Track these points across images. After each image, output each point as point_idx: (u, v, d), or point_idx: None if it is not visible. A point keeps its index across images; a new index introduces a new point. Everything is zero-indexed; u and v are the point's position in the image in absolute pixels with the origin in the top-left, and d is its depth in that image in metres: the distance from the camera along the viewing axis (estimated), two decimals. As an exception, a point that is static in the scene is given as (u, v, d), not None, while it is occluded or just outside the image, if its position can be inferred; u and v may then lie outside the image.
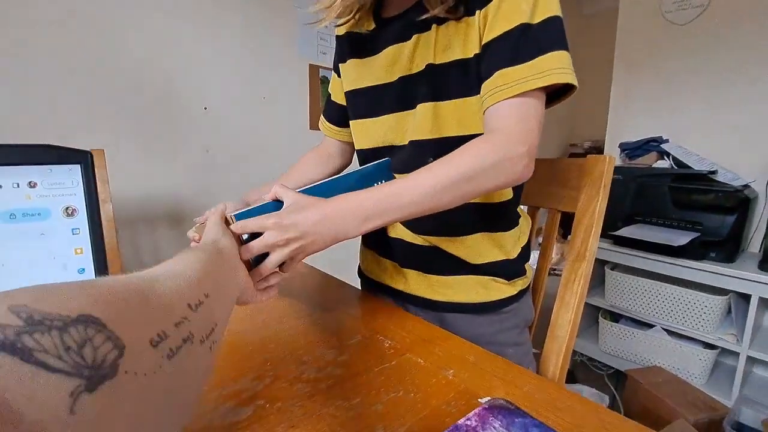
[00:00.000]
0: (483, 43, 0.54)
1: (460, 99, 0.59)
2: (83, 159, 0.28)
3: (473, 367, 0.50)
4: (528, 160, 0.50)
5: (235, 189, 1.69)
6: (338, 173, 0.88)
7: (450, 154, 0.51)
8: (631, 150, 1.76)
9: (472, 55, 0.56)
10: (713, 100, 1.73)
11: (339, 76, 0.78)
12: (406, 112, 0.64)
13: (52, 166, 0.27)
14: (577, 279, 0.72)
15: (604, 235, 1.67)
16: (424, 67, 0.60)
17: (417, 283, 0.71)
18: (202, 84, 1.54)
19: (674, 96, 1.83)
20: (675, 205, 1.56)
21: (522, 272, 0.73)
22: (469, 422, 0.39)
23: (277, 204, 0.51)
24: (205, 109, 1.57)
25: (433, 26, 0.58)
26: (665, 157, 1.67)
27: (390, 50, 0.64)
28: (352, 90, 0.73)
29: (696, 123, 1.78)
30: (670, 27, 1.82)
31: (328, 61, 1.93)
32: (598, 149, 2.71)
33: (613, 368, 1.75)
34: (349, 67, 0.73)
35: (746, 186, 1.52)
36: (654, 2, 1.85)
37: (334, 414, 0.41)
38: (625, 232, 1.60)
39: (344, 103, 0.78)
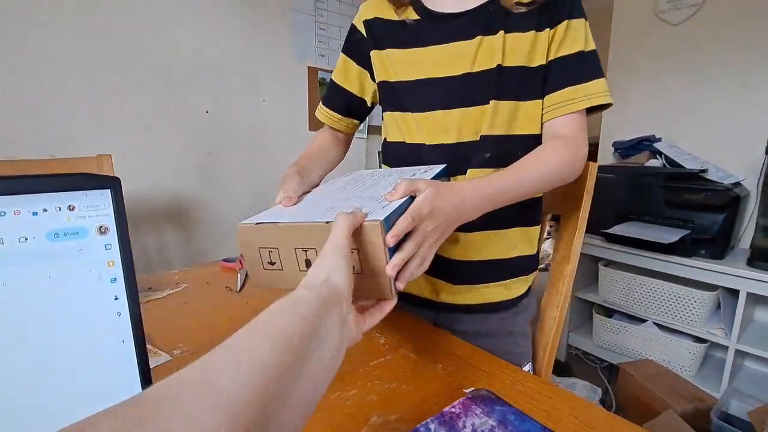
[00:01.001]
0: (551, 58, 0.63)
1: (524, 101, 0.65)
2: (113, 184, 0.33)
3: (460, 362, 0.55)
4: (585, 161, 0.64)
5: (237, 190, 1.73)
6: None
7: (533, 154, 0.60)
8: (624, 149, 1.80)
9: (536, 65, 0.63)
10: (706, 100, 1.76)
11: (360, 62, 0.76)
12: (471, 108, 0.65)
13: (87, 191, 0.32)
14: (562, 279, 0.76)
15: (598, 232, 1.71)
16: (494, 66, 0.63)
17: (446, 292, 0.71)
18: (204, 88, 1.59)
19: (667, 95, 1.86)
20: (667, 204, 1.60)
21: (537, 266, 0.77)
22: (453, 410, 0.44)
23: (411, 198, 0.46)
24: (207, 112, 1.62)
25: (501, 32, 0.62)
26: (658, 156, 1.71)
27: (449, 47, 0.65)
28: (397, 81, 0.71)
29: (688, 122, 1.81)
30: (664, 26, 1.85)
31: (326, 63, 1.97)
32: (593, 148, 2.74)
33: (607, 362, 1.80)
34: (389, 56, 0.71)
35: (737, 184, 1.56)
36: (648, 2, 1.88)
37: (332, 404, 0.46)
38: (618, 229, 1.65)
39: (353, 91, 0.78)
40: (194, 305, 0.73)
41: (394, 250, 0.41)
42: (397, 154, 0.76)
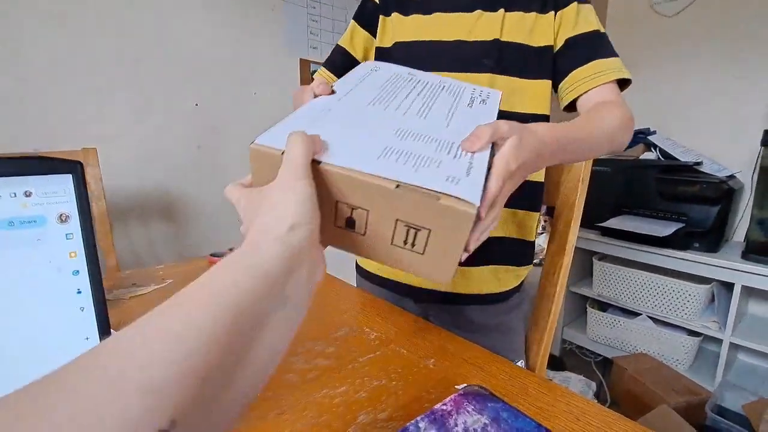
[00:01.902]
0: (569, 36, 0.63)
1: (525, 79, 0.64)
2: (74, 169, 0.30)
3: (453, 357, 0.53)
4: (633, 127, 0.61)
5: (226, 185, 1.70)
6: None
7: (590, 112, 0.58)
8: (620, 142, 1.78)
9: (539, 45, 0.63)
10: (700, 92, 1.75)
11: (367, 28, 0.76)
12: (461, 74, 0.64)
13: (45, 176, 0.29)
14: (557, 271, 0.75)
15: (592, 226, 1.70)
16: (490, 39, 0.63)
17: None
18: (193, 81, 1.55)
19: (662, 87, 1.85)
20: (661, 196, 1.59)
21: (532, 258, 0.76)
22: (445, 407, 0.42)
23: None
24: (196, 105, 1.58)
25: (501, 10, 0.63)
26: (652, 149, 1.70)
27: (448, 16, 0.66)
28: (395, 44, 0.71)
29: (683, 115, 1.81)
30: (659, 18, 1.84)
31: (319, 55, 1.93)
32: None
33: (601, 356, 1.80)
34: (394, 20, 0.72)
35: (731, 177, 1.55)
36: (643, -6, 1.86)
37: (320, 402, 0.44)
38: (613, 223, 1.64)
39: (356, 55, 0.78)
40: (179, 301, 0.71)
41: None
42: None
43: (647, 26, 1.87)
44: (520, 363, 0.72)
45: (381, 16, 0.74)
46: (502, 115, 0.57)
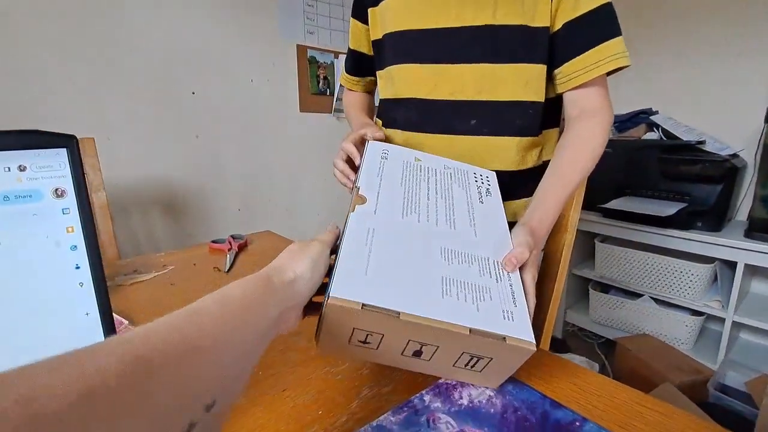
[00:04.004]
0: (567, 20, 0.59)
1: (519, 64, 0.61)
2: (69, 143, 0.30)
3: (456, 333, 0.53)
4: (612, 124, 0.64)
5: (226, 173, 1.69)
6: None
7: (575, 143, 0.60)
8: (621, 122, 1.76)
9: (539, 26, 0.59)
10: (702, 71, 1.73)
11: (364, 22, 0.76)
12: (450, 65, 0.63)
13: (39, 150, 0.29)
14: (559, 249, 0.74)
15: (594, 207, 1.69)
16: (480, 24, 0.60)
17: None
18: (189, 69, 1.53)
19: (663, 67, 1.82)
20: (664, 176, 1.57)
21: None
22: (449, 381, 0.42)
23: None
24: (193, 93, 1.57)
25: None
26: (655, 129, 1.68)
27: None
28: (384, 35, 0.70)
29: (685, 94, 1.78)
30: (661, -3, 1.80)
31: (316, 41, 1.91)
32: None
33: (604, 337, 1.80)
34: (382, 9, 0.70)
35: (734, 155, 1.53)
36: (645, -29, 1.82)
37: (323, 378, 0.44)
38: (615, 204, 1.63)
39: (363, 51, 0.80)
40: (181, 286, 0.71)
41: None
42: (381, 113, 0.78)
43: (648, 5, 1.83)
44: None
45: (370, 9, 0.73)
46: (495, 106, 0.62)
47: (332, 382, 0.43)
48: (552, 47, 0.61)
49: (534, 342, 0.37)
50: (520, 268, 0.45)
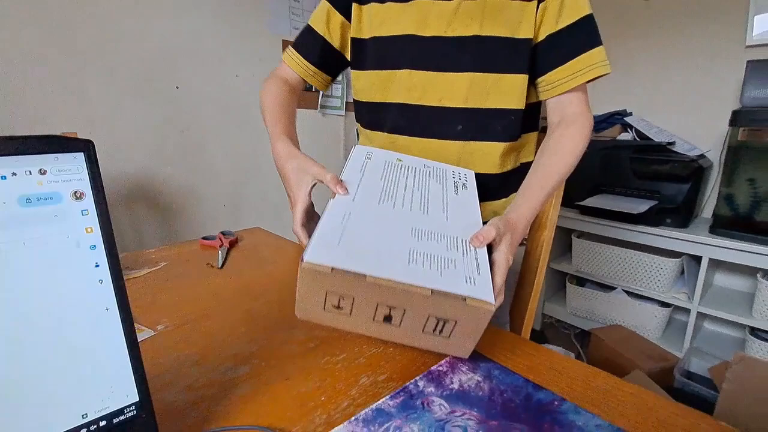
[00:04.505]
0: (550, 32, 0.62)
1: (504, 74, 0.64)
2: (86, 147, 0.31)
3: (445, 325, 0.56)
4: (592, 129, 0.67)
5: (213, 169, 1.69)
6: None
7: (555, 146, 0.63)
8: (597, 123, 1.84)
9: (523, 37, 0.62)
10: (673, 74, 1.81)
11: (343, 13, 0.72)
12: (439, 73, 0.65)
13: (58, 154, 0.30)
14: (539, 246, 0.79)
15: (571, 204, 1.76)
16: (468, 35, 0.62)
17: None
18: (173, 63, 1.52)
19: (637, 70, 1.90)
20: (636, 175, 1.65)
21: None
22: (440, 368, 0.46)
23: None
24: (177, 88, 1.55)
25: None
26: (628, 130, 1.76)
27: (427, 4, 0.64)
28: (371, 37, 0.69)
29: (658, 97, 1.87)
30: (635, 3, 1.88)
31: (302, 36, 1.91)
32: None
33: (579, 328, 1.89)
34: (369, 10, 0.69)
35: (701, 156, 1.62)
36: (621, -23, 1.89)
37: (323, 367, 0.47)
38: (591, 202, 1.70)
39: (336, 44, 0.74)
40: (175, 282, 0.72)
41: None
42: (361, 114, 0.77)
43: (624, 11, 1.91)
44: (506, 332, 0.77)
45: (354, 4, 0.70)
46: (480, 113, 0.65)
47: (332, 371, 0.46)
48: (535, 57, 0.64)
49: (493, 302, 0.38)
50: (493, 250, 0.47)
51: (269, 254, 0.86)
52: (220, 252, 0.84)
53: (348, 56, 0.78)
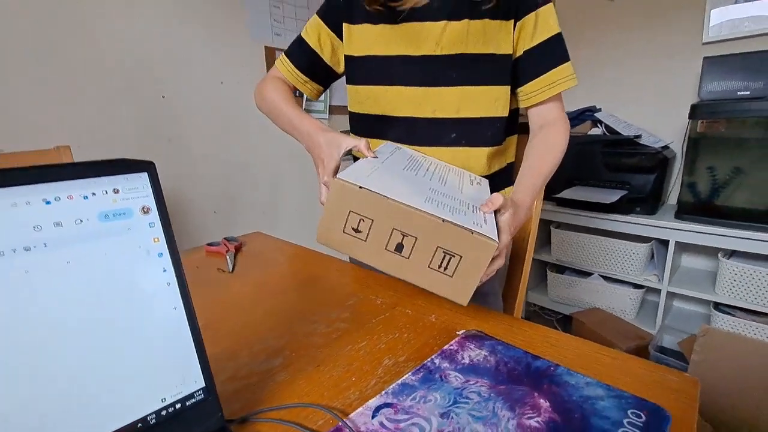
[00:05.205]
0: (526, 48, 0.70)
1: (490, 86, 0.71)
2: (148, 167, 0.36)
3: (449, 312, 0.63)
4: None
5: (203, 177, 1.70)
6: None
7: (542, 144, 0.73)
8: (570, 120, 1.94)
9: (504, 53, 0.70)
10: (638, 71, 1.94)
11: (334, 30, 0.77)
12: (432, 88, 0.72)
13: (126, 175, 0.35)
14: (525, 237, 0.86)
15: (549, 197, 1.87)
16: (456, 53, 0.69)
17: None
18: (158, 72, 1.53)
19: (605, 67, 2.02)
20: (607, 168, 1.77)
21: None
22: (452, 347, 0.52)
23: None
24: (163, 97, 1.56)
25: (466, 20, 0.68)
26: (598, 125, 1.88)
27: (417, 26, 0.70)
28: (367, 56, 0.75)
29: (624, 92, 1.99)
30: (600, 3, 2.00)
31: (284, 42, 1.94)
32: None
33: (561, 314, 2.00)
34: (362, 30, 0.74)
35: (665, 147, 1.75)
36: (586, -20, 2.01)
37: (348, 354, 0.52)
38: (566, 194, 1.81)
39: (324, 57, 0.79)
40: (192, 287, 0.75)
41: None
42: (361, 125, 0.82)
43: (590, 10, 2.03)
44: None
45: (345, 24, 0.76)
46: (471, 122, 0.74)
47: (357, 356, 0.52)
48: (515, 70, 0.73)
49: (497, 241, 0.44)
50: (497, 214, 0.55)
51: (276, 256, 0.91)
52: (228, 257, 0.88)
53: (337, 70, 0.84)
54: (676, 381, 0.46)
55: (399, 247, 0.46)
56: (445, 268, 0.46)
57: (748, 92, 1.47)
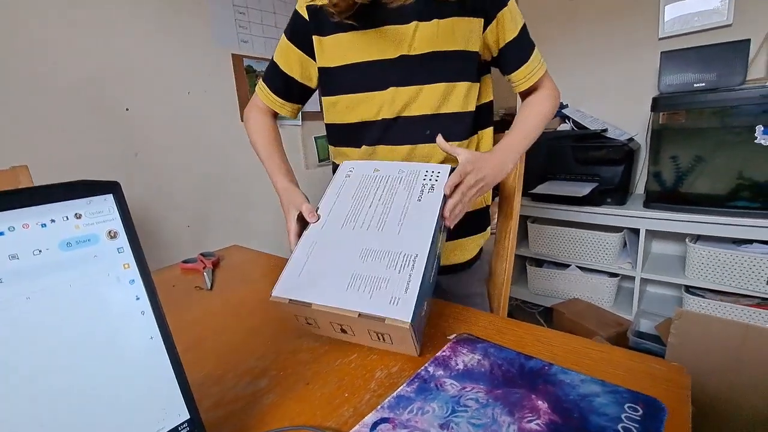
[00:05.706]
0: (501, 46, 0.75)
1: (459, 83, 0.73)
2: (113, 188, 0.33)
3: (440, 317, 0.62)
4: (560, 97, 0.83)
5: (173, 191, 1.64)
6: None
7: (529, 106, 0.79)
8: (540, 116, 1.99)
9: (474, 50, 0.72)
10: (601, 67, 2.01)
11: (303, 49, 0.78)
12: (407, 88, 0.72)
13: (89, 198, 0.32)
14: (507, 235, 0.87)
15: (525, 193, 1.90)
16: (428, 52, 0.70)
17: None
18: (120, 84, 1.46)
19: (569, 63, 2.08)
20: (577, 162, 1.82)
21: (489, 220, 0.89)
22: (444, 354, 0.51)
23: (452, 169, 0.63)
24: (127, 110, 1.50)
25: (435, 20, 0.69)
26: (567, 121, 1.93)
27: (388, 29, 0.70)
28: (343, 65, 0.74)
29: (590, 88, 2.05)
30: (561, 2, 2.06)
31: (251, 49, 1.90)
32: (512, 116, 2.97)
33: (542, 306, 2.04)
34: (334, 41, 0.74)
35: (631, 140, 1.82)
36: (548, -21, 2.06)
37: (338, 369, 0.51)
38: (540, 189, 1.85)
39: (295, 77, 0.80)
40: (168, 309, 0.71)
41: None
42: (340, 135, 0.82)
43: (551, 9, 2.08)
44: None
45: (315, 37, 0.75)
46: (443, 118, 0.74)
47: (347, 370, 0.50)
48: (499, 62, 0.78)
49: (408, 321, 0.47)
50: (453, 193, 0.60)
51: (254, 270, 0.88)
52: (205, 274, 0.84)
53: (311, 86, 0.84)
54: (661, 369, 0.46)
55: (344, 330, 0.53)
56: (384, 340, 0.51)
57: (704, 84, 1.54)
